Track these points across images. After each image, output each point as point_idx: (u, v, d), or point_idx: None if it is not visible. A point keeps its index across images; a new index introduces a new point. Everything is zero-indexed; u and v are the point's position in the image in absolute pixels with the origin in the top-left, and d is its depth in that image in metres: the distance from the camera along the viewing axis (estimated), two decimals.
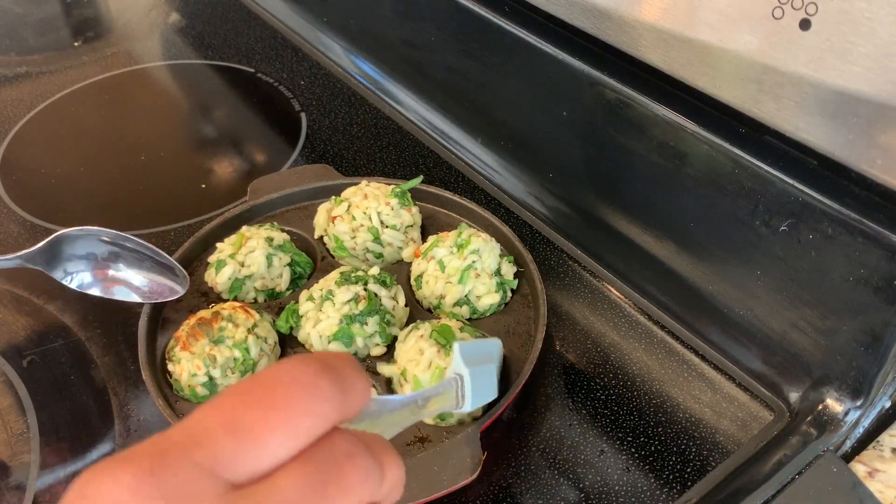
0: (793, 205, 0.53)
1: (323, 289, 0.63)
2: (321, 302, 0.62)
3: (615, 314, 0.69)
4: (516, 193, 0.80)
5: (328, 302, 0.62)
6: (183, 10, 1.22)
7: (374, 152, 0.89)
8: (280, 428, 0.24)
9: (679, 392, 0.62)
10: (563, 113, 0.70)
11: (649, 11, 0.58)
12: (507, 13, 0.73)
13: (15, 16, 1.22)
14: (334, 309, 0.62)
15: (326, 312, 0.62)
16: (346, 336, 0.61)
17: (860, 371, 0.54)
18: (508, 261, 0.68)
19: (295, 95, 1.00)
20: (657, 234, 0.66)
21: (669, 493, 0.55)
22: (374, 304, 0.62)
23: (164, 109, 1.02)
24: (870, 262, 0.50)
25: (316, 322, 0.62)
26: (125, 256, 0.66)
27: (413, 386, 0.56)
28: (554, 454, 0.58)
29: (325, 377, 0.25)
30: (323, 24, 1.07)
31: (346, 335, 0.61)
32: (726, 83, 0.55)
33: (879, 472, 0.55)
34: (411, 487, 0.51)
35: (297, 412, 0.24)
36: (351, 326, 0.61)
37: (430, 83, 0.89)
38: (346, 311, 0.61)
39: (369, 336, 0.62)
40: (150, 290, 0.66)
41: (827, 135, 0.50)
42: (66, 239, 0.64)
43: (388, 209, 0.70)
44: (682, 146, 0.60)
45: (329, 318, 0.61)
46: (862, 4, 0.45)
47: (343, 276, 0.64)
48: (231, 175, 0.88)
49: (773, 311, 0.58)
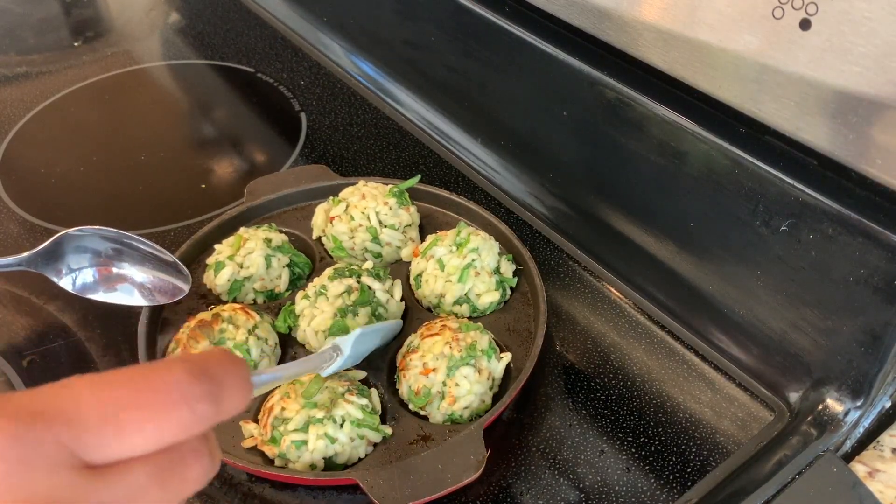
0: (793, 205, 0.53)
1: (316, 285, 0.63)
2: (315, 298, 0.62)
3: (615, 314, 0.69)
4: (516, 193, 0.80)
5: (322, 297, 0.62)
6: (183, 10, 1.22)
7: (374, 152, 0.89)
8: (148, 430, 0.26)
9: (679, 392, 0.62)
10: (563, 113, 0.70)
11: (649, 11, 0.58)
12: (507, 13, 0.73)
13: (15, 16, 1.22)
14: (328, 303, 0.62)
15: (321, 307, 0.62)
16: (342, 329, 0.61)
17: (860, 371, 0.54)
18: (507, 259, 0.68)
19: (295, 95, 0.99)
20: (657, 234, 0.66)
21: (669, 493, 0.55)
22: (367, 296, 0.62)
23: (164, 109, 1.02)
24: (870, 262, 0.50)
25: (311, 319, 0.62)
26: (128, 254, 0.66)
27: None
28: (554, 454, 0.58)
29: (201, 386, 0.27)
30: (323, 24, 1.06)
31: (341, 328, 0.61)
32: (726, 83, 0.55)
33: (879, 472, 0.55)
34: (416, 486, 0.51)
35: (168, 420, 0.26)
36: (345, 319, 0.61)
37: (430, 83, 0.89)
38: (339, 304, 0.61)
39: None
40: (154, 288, 0.66)
41: (827, 135, 0.50)
42: (68, 238, 0.64)
43: (387, 209, 0.70)
44: (682, 146, 0.60)
45: (323, 313, 0.61)
46: (862, 4, 0.45)
47: (336, 271, 0.64)
48: (231, 175, 0.88)
49: (773, 311, 0.58)
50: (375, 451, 0.57)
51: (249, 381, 0.30)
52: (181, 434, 0.27)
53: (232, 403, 0.28)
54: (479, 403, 0.59)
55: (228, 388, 0.28)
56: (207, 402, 0.27)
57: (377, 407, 0.59)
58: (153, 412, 0.26)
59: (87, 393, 0.26)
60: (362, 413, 0.55)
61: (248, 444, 0.56)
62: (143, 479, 0.26)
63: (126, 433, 0.25)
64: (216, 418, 0.28)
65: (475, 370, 0.58)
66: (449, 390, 0.57)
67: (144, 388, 0.26)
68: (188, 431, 0.27)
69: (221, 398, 0.28)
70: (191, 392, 0.27)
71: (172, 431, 0.26)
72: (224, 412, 0.28)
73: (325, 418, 0.54)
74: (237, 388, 0.29)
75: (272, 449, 0.55)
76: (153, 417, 0.26)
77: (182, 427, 0.27)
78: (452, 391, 0.57)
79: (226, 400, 0.28)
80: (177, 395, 0.26)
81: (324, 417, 0.54)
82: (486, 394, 0.59)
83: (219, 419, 0.28)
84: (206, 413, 0.27)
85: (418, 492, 0.51)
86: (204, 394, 0.27)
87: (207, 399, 0.27)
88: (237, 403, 0.29)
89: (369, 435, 0.56)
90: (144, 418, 0.26)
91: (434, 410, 0.58)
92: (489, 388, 0.59)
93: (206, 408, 0.27)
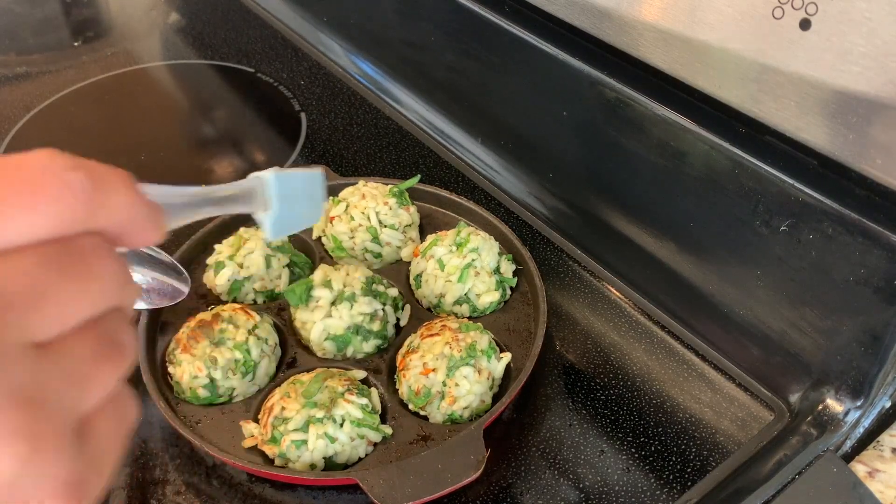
0: (793, 205, 0.53)
1: (347, 286, 0.63)
2: (339, 299, 0.62)
3: (615, 314, 0.69)
4: (516, 193, 0.80)
5: (346, 303, 0.62)
6: (183, 10, 1.22)
7: (374, 152, 0.89)
8: (27, 208, 0.24)
9: (679, 392, 0.62)
10: (563, 113, 0.70)
11: (649, 11, 0.58)
12: (507, 13, 0.73)
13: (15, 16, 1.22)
14: (349, 313, 0.61)
15: (340, 313, 0.61)
16: (344, 343, 0.61)
17: (860, 371, 0.54)
18: (507, 259, 0.68)
19: (295, 95, 0.99)
20: (657, 234, 0.66)
21: (669, 493, 0.55)
22: (383, 331, 0.63)
23: (164, 109, 1.02)
24: (870, 262, 0.50)
25: (326, 314, 0.62)
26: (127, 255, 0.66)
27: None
28: (554, 454, 0.58)
29: (78, 172, 0.25)
30: (323, 24, 1.06)
31: (345, 342, 0.61)
32: (726, 83, 0.55)
33: (879, 472, 0.55)
34: (416, 486, 0.51)
35: (44, 196, 0.24)
36: (354, 336, 0.61)
37: (430, 83, 0.89)
38: (357, 321, 0.61)
39: (360, 351, 0.62)
40: (153, 290, 0.66)
41: (827, 135, 0.50)
42: None
43: (387, 209, 0.70)
44: (682, 146, 0.60)
45: (340, 320, 0.61)
46: (862, 4, 0.45)
47: (368, 284, 0.63)
48: (231, 175, 0.88)
49: (773, 311, 0.58)
50: (375, 451, 0.57)
51: (132, 181, 0.28)
52: (66, 217, 0.24)
53: (116, 188, 0.26)
54: (479, 403, 0.59)
55: (102, 172, 0.26)
56: (87, 184, 0.25)
57: (377, 407, 0.59)
58: (25, 191, 0.24)
59: None
60: (362, 413, 0.56)
61: (248, 444, 0.56)
62: (40, 273, 0.24)
63: (4, 217, 0.23)
64: (107, 206, 0.26)
65: (475, 370, 0.58)
66: (449, 390, 0.57)
67: (9, 167, 0.24)
68: (74, 214, 0.25)
69: (103, 181, 0.26)
70: (64, 173, 0.25)
71: (54, 212, 0.24)
72: (113, 196, 0.26)
73: (325, 418, 0.54)
74: (111, 174, 0.26)
75: (272, 449, 0.55)
76: (27, 196, 0.24)
77: (64, 207, 0.24)
78: (452, 391, 0.57)
79: (107, 183, 0.26)
80: (46, 174, 0.24)
81: (324, 417, 0.54)
82: (486, 394, 0.59)
83: (109, 209, 0.26)
84: (90, 194, 0.25)
85: (418, 492, 0.51)
86: (81, 177, 0.25)
87: (86, 181, 0.25)
88: (121, 189, 0.27)
89: (369, 435, 0.56)
90: (19, 195, 0.24)
91: (434, 410, 0.58)
92: (489, 388, 0.59)
93: (86, 189, 0.25)
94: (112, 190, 0.26)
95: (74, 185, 0.24)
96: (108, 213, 0.26)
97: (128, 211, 0.27)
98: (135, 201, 0.27)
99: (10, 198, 0.23)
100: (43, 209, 0.24)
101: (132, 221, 0.27)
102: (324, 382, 0.56)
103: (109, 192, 0.26)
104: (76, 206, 0.25)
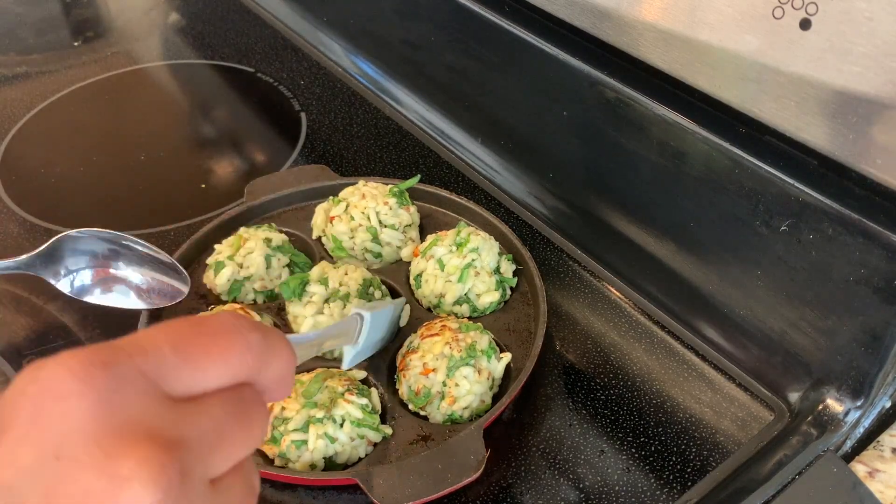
0: (793, 205, 0.53)
1: (343, 285, 0.63)
2: (333, 297, 0.62)
3: (615, 314, 0.69)
4: (516, 193, 0.80)
5: (339, 302, 0.62)
6: (183, 10, 1.22)
7: (374, 152, 0.89)
8: (217, 360, 0.28)
9: (679, 392, 0.62)
10: (563, 113, 0.70)
11: (649, 11, 0.58)
12: (507, 13, 0.73)
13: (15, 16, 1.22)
14: (340, 312, 0.61)
15: (332, 311, 0.62)
16: None
17: (860, 371, 0.54)
18: (507, 259, 0.68)
19: (295, 95, 0.99)
20: (657, 234, 0.66)
21: (669, 493, 0.55)
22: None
23: (164, 109, 1.02)
24: (870, 262, 0.50)
25: (318, 311, 0.62)
26: (126, 255, 0.66)
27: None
28: (554, 454, 0.58)
29: (257, 334, 0.29)
30: (323, 24, 1.06)
31: None
32: (726, 83, 0.55)
33: (879, 472, 0.55)
34: (416, 486, 0.51)
35: (232, 353, 0.29)
36: None
37: (430, 83, 0.89)
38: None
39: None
40: (152, 290, 0.66)
41: (827, 135, 0.50)
42: (66, 240, 0.64)
43: (387, 209, 0.70)
44: (682, 146, 0.60)
45: (331, 318, 0.61)
46: (862, 4, 0.45)
47: (364, 287, 0.63)
48: (231, 175, 0.88)
49: (773, 311, 0.58)
50: (375, 451, 0.57)
51: (287, 339, 0.32)
52: (243, 370, 0.29)
53: (281, 353, 0.31)
54: (479, 403, 0.59)
55: (273, 337, 0.31)
56: (262, 346, 0.29)
57: (377, 407, 0.59)
58: (219, 346, 0.28)
59: (158, 333, 0.28)
60: (362, 413, 0.55)
61: None
62: (222, 413, 0.28)
63: (196, 359, 0.27)
64: (270, 366, 0.30)
65: (475, 370, 0.58)
66: (449, 390, 0.57)
67: (208, 328, 0.29)
68: (249, 369, 0.29)
69: (273, 346, 0.30)
70: (249, 333, 0.29)
71: (237, 366, 0.29)
72: (276, 360, 0.30)
73: (325, 418, 0.54)
74: (280, 340, 0.31)
75: (272, 449, 0.55)
76: (219, 350, 0.28)
77: (243, 363, 0.29)
78: (452, 391, 0.57)
79: (276, 348, 0.30)
80: (236, 334, 0.29)
81: (324, 417, 0.54)
82: (486, 394, 0.59)
83: (271, 369, 0.30)
84: (263, 354, 0.29)
85: (418, 492, 0.51)
86: (259, 339, 0.29)
87: (262, 344, 0.29)
88: (284, 355, 0.31)
89: (369, 435, 0.56)
90: (212, 351, 0.28)
91: (434, 410, 0.58)
92: (489, 388, 0.59)
93: (262, 350, 0.29)
94: (277, 353, 0.31)
95: (254, 345, 0.29)
96: (270, 372, 0.30)
97: (282, 371, 0.31)
98: (291, 366, 0.32)
99: (212, 352, 0.28)
100: (232, 362, 0.29)
101: (282, 380, 0.32)
102: (324, 382, 0.56)
103: (276, 353, 0.31)
104: (252, 363, 0.29)
